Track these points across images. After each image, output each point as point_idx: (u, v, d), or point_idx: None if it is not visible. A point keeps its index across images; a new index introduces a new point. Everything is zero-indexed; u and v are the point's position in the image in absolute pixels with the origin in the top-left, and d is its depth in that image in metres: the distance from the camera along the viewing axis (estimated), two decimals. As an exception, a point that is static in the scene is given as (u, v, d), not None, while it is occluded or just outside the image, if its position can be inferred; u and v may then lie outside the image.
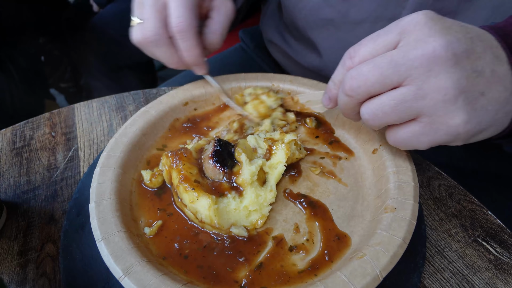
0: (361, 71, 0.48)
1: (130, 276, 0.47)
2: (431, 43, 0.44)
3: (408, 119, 0.48)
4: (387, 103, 0.47)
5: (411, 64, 0.45)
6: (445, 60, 0.43)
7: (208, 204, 0.55)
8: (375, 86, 0.48)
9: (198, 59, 0.68)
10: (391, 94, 0.47)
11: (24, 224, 0.63)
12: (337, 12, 0.80)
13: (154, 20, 0.64)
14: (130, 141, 0.66)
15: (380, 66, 0.46)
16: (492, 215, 0.63)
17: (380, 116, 0.49)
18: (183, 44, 0.65)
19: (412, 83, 0.45)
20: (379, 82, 0.47)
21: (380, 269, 0.47)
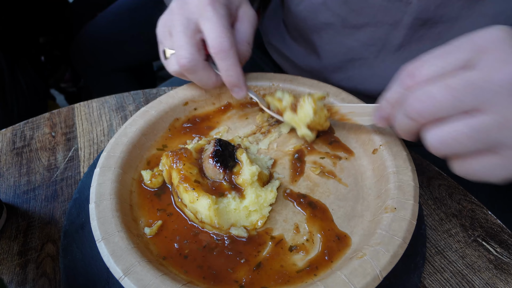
0: (430, 93, 0.42)
1: (130, 276, 0.47)
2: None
3: (483, 149, 0.42)
4: (462, 131, 0.41)
5: (494, 89, 0.39)
6: None
7: (208, 204, 0.55)
8: (446, 110, 0.42)
9: (239, 79, 0.67)
10: (468, 121, 0.41)
11: (24, 224, 0.63)
12: (337, 16, 0.80)
13: (187, 47, 0.63)
14: (130, 141, 0.66)
15: (454, 88, 0.40)
16: (492, 215, 0.63)
17: (451, 144, 0.43)
18: (224, 63, 0.64)
19: (494, 111, 0.39)
20: (452, 106, 0.41)
21: (380, 269, 0.47)
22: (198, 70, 0.65)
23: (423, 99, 0.43)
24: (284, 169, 0.67)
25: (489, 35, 0.42)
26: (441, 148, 0.44)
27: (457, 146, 0.43)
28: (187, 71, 0.65)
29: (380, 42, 0.78)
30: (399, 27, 0.74)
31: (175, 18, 0.65)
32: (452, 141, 0.42)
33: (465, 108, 0.41)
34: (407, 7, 0.71)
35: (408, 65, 0.47)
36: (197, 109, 0.77)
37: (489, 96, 0.39)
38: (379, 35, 0.77)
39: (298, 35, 0.93)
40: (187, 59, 0.64)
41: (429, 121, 0.44)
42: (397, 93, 0.49)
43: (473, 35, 0.43)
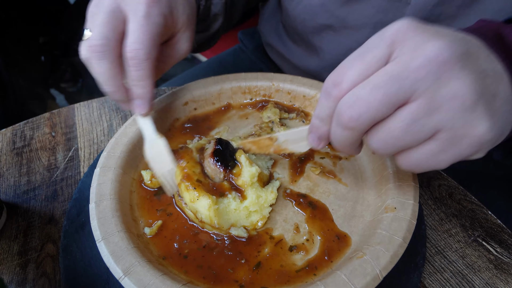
0: (359, 96, 0.41)
1: (130, 276, 0.47)
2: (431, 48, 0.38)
3: (424, 139, 0.41)
4: (396, 126, 0.40)
5: (415, 76, 0.38)
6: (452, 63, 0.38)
7: (208, 205, 0.55)
8: (380, 110, 0.40)
9: (146, 93, 0.60)
10: (398, 115, 0.40)
11: (24, 224, 0.63)
12: (335, 18, 0.80)
13: (103, 27, 0.55)
14: (130, 141, 0.66)
15: (380, 86, 0.39)
16: (492, 215, 0.63)
17: (391, 143, 0.42)
18: (135, 72, 0.57)
19: (420, 98, 0.39)
20: (383, 104, 0.40)
21: (380, 268, 0.47)
22: (106, 58, 0.56)
23: (353, 105, 0.41)
24: (284, 169, 0.67)
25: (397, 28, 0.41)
26: (385, 149, 0.43)
27: (397, 143, 0.42)
28: (95, 54, 0.55)
29: None
30: None
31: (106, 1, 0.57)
32: (391, 139, 0.41)
33: (395, 103, 0.40)
34: (406, 7, 0.71)
35: (330, 75, 0.44)
36: (197, 109, 0.77)
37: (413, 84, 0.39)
38: None
39: (297, 36, 0.93)
40: (99, 40, 0.55)
41: (368, 126, 0.42)
42: (326, 107, 0.45)
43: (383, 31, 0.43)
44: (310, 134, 0.51)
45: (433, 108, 0.39)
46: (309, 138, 0.52)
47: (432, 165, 0.43)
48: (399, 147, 0.42)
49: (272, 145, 0.59)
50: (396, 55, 0.41)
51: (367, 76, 0.42)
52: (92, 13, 0.58)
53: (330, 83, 0.44)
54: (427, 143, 0.41)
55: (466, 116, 0.39)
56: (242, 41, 1.24)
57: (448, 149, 0.41)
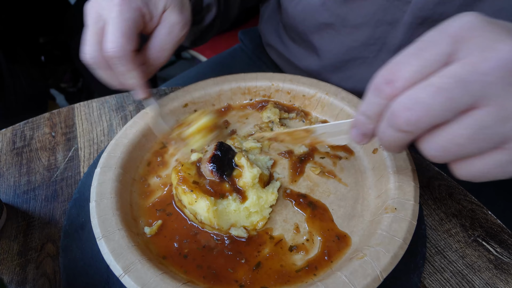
0: (419, 99, 0.37)
1: (130, 274, 0.47)
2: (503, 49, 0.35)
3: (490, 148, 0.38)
4: (461, 133, 0.37)
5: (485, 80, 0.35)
6: None
7: (206, 206, 0.55)
8: (441, 115, 0.37)
9: (136, 83, 0.65)
10: (464, 121, 0.37)
11: (24, 224, 0.63)
12: (336, 16, 0.80)
13: (91, 43, 0.61)
14: (130, 142, 0.66)
15: (444, 89, 0.36)
16: (492, 215, 0.63)
17: (453, 150, 0.38)
18: (118, 69, 0.63)
19: (490, 104, 0.36)
20: (447, 109, 0.36)
21: (381, 269, 0.47)
22: (100, 68, 0.64)
23: (411, 107, 0.38)
24: (284, 169, 0.67)
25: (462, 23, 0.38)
26: (442, 156, 0.40)
27: (460, 151, 0.38)
28: (92, 65, 0.64)
29: (380, 41, 0.78)
30: (399, 26, 0.74)
31: (89, 11, 0.63)
32: (454, 146, 0.38)
33: (460, 108, 0.37)
34: (406, 6, 0.71)
35: (381, 71, 0.41)
36: (197, 111, 0.77)
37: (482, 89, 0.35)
38: (379, 35, 0.78)
39: (297, 36, 0.93)
40: (89, 56, 0.62)
41: (425, 131, 0.39)
42: (376, 105, 0.42)
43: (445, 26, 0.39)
44: (354, 129, 0.49)
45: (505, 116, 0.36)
46: (352, 133, 0.49)
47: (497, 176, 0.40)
48: (460, 155, 0.39)
49: (308, 137, 0.59)
50: (461, 55, 0.37)
51: (425, 75, 0.38)
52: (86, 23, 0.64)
53: (381, 80, 0.41)
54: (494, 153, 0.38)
55: None
56: (242, 41, 1.24)
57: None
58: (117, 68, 0.62)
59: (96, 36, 0.61)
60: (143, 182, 0.65)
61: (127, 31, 0.60)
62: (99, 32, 0.61)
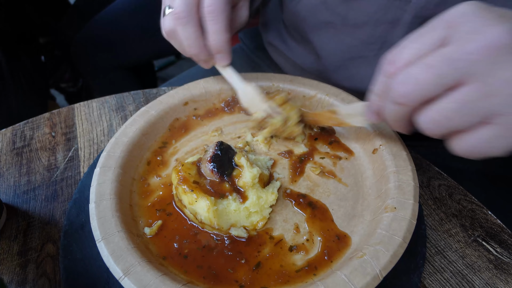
0: (411, 74, 0.43)
1: (130, 276, 0.47)
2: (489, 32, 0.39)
3: (477, 122, 0.41)
4: (449, 106, 0.41)
5: (469, 59, 0.39)
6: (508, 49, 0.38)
7: (207, 206, 0.55)
8: (431, 89, 0.42)
9: (224, 46, 0.66)
10: (452, 96, 0.41)
11: (24, 224, 0.63)
12: (336, 15, 0.80)
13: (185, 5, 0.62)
14: (130, 141, 0.66)
15: (433, 65, 0.41)
16: (492, 215, 0.63)
17: (443, 122, 0.43)
18: (212, 26, 0.64)
19: (475, 80, 0.39)
20: (435, 83, 0.41)
21: (380, 268, 0.47)
22: (189, 25, 0.64)
23: (405, 82, 0.43)
24: (284, 169, 0.67)
25: (457, 11, 0.42)
26: (434, 128, 0.44)
27: (449, 123, 0.43)
28: (180, 20, 0.64)
29: (380, 40, 0.78)
30: (399, 26, 0.74)
31: None
32: (443, 119, 0.42)
33: (448, 84, 0.41)
34: (407, 5, 0.71)
35: (388, 54, 0.48)
36: (197, 109, 0.77)
37: (466, 67, 0.40)
38: (379, 34, 0.78)
39: (297, 35, 0.93)
40: (182, 8, 0.62)
41: (417, 103, 0.44)
42: (381, 83, 0.49)
43: (443, 14, 0.44)
44: (368, 109, 0.55)
45: (488, 92, 0.39)
46: (367, 113, 0.55)
47: (489, 151, 0.43)
48: (449, 128, 0.43)
49: (333, 118, 0.65)
50: (453, 38, 0.41)
51: (421, 56, 0.43)
52: None
53: (386, 62, 0.47)
54: (483, 128, 0.41)
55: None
56: (242, 40, 1.24)
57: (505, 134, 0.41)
58: (211, 25, 0.63)
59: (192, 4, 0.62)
60: (143, 182, 0.65)
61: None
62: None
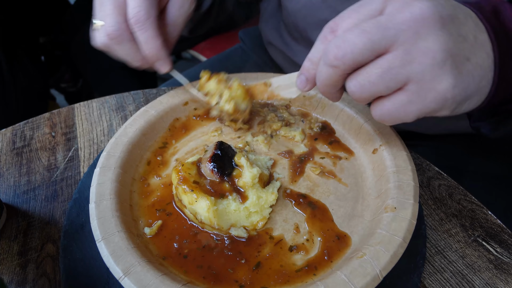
0: (346, 38, 0.45)
1: (130, 276, 0.47)
2: (417, 5, 0.43)
3: (395, 88, 0.45)
4: (374, 71, 0.45)
5: (399, 27, 0.43)
6: (433, 22, 0.42)
7: (207, 206, 0.55)
8: (363, 53, 0.44)
9: (159, 53, 0.65)
10: (377, 62, 0.45)
11: (24, 224, 0.63)
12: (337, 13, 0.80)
13: (114, 16, 0.61)
14: (130, 141, 0.66)
15: (367, 31, 0.44)
16: (492, 215, 0.63)
17: (367, 87, 0.46)
18: (142, 35, 0.62)
19: (399, 48, 0.43)
20: (367, 48, 0.44)
21: (380, 268, 0.47)
22: (123, 41, 0.63)
23: (340, 45, 0.45)
24: (284, 169, 0.67)
25: None
26: (360, 92, 0.47)
27: (372, 87, 0.46)
28: (113, 41, 0.63)
29: None
30: None
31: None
32: (367, 83, 0.45)
33: (378, 49, 0.44)
34: None
35: (329, 22, 0.49)
36: (197, 109, 0.77)
37: (394, 34, 0.43)
38: None
39: (297, 33, 0.93)
40: (113, 28, 0.62)
41: (349, 67, 0.46)
42: (318, 49, 0.51)
43: None
44: (300, 76, 0.55)
45: (408, 60, 0.43)
46: (298, 80, 0.56)
47: (401, 116, 0.47)
48: (372, 93, 0.47)
49: (267, 91, 0.64)
50: (387, 9, 0.45)
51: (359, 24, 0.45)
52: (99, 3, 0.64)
53: (327, 29, 0.49)
54: (398, 93, 0.46)
55: (434, 71, 0.43)
56: (242, 40, 1.24)
57: (415, 100, 0.45)
58: (141, 34, 0.62)
59: (117, 9, 0.61)
60: (143, 182, 0.65)
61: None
62: (120, 5, 0.61)
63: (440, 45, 0.42)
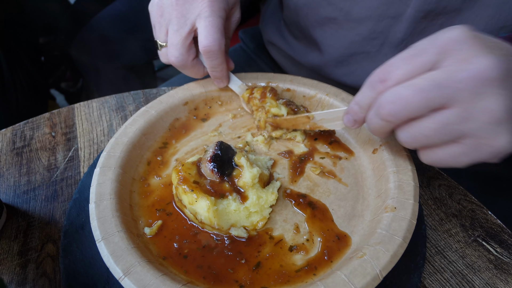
0: (401, 95, 0.45)
1: (130, 276, 0.47)
2: (476, 64, 0.42)
3: (449, 140, 0.46)
4: (428, 126, 0.45)
5: (457, 87, 0.42)
6: (492, 81, 0.42)
7: (207, 206, 0.55)
8: (417, 110, 0.45)
9: (223, 75, 0.73)
10: (434, 117, 0.45)
11: (24, 224, 0.63)
12: (339, 10, 0.80)
13: (179, 47, 0.67)
14: (130, 141, 0.66)
15: (423, 89, 0.43)
16: (492, 215, 0.63)
17: (419, 139, 0.47)
18: (210, 62, 0.68)
19: (456, 106, 0.43)
20: (422, 106, 0.44)
21: (380, 268, 0.47)
22: (187, 67, 0.70)
23: (394, 101, 0.45)
24: (284, 169, 0.67)
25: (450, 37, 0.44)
26: (412, 143, 0.48)
27: (425, 140, 0.47)
28: (176, 67, 0.71)
29: (382, 35, 0.78)
30: (402, 20, 0.74)
31: (173, 14, 0.67)
32: (422, 136, 0.46)
33: (433, 106, 0.44)
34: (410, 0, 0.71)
35: (378, 70, 0.49)
36: (197, 109, 0.77)
37: (453, 93, 0.43)
38: (381, 29, 0.78)
39: (298, 31, 0.93)
40: (177, 59, 0.68)
41: (402, 122, 0.47)
42: (369, 98, 0.51)
43: (436, 37, 0.46)
44: (347, 115, 0.56)
45: (465, 118, 0.43)
46: (345, 119, 0.57)
47: (452, 164, 0.48)
48: (425, 144, 0.48)
49: (309, 123, 0.67)
50: (444, 64, 0.44)
51: (411, 77, 0.45)
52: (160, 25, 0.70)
53: (376, 78, 0.49)
54: (452, 145, 0.46)
55: (492, 128, 0.43)
56: (242, 40, 1.24)
57: (470, 153, 0.45)
58: (210, 61, 0.68)
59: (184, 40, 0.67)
60: (143, 182, 0.65)
61: (220, 28, 0.66)
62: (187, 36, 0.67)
63: (499, 104, 0.42)
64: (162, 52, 0.72)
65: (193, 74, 0.73)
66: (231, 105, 0.80)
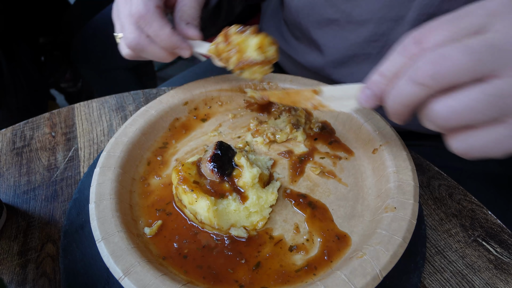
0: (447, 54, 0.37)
1: (130, 276, 0.47)
2: None
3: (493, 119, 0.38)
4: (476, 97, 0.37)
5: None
6: None
7: (207, 206, 0.55)
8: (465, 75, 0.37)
9: (171, 40, 0.65)
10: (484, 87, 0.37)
11: (24, 224, 0.63)
12: (341, 12, 0.80)
13: (129, 26, 0.64)
14: (130, 141, 0.66)
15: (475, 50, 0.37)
16: (492, 215, 0.63)
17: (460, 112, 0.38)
18: (150, 30, 0.63)
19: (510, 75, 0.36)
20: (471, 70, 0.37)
21: (380, 268, 0.47)
22: (145, 46, 0.65)
23: (438, 61, 0.38)
24: (284, 169, 0.67)
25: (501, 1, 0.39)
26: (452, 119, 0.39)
27: (470, 115, 0.38)
28: (135, 50, 0.66)
29: (383, 38, 0.78)
30: (403, 23, 0.74)
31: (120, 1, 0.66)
32: (466, 110, 0.38)
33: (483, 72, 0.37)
34: (412, 3, 0.71)
35: (413, 32, 0.42)
36: (197, 109, 0.77)
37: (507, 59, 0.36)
38: (383, 31, 0.77)
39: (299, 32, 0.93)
40: (131, 38, 0.64)
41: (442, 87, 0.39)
42: (397, 63, 0.43)
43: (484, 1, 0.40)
44: (364, 90, 0.48)
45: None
46: (362, 95, 0.48)
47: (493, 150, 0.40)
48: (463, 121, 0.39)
49: (313, 98, 0.57)
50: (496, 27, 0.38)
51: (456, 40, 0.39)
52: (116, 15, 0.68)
53: (411, 40, 0.42)
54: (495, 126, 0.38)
55: None
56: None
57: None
58: (149, 29, 0.63)
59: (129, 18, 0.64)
60: (143, 182, 0.65)
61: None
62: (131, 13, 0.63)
63: None
64: (121, 44, 0.69)
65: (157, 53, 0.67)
66: (231, 105, 0.80)
